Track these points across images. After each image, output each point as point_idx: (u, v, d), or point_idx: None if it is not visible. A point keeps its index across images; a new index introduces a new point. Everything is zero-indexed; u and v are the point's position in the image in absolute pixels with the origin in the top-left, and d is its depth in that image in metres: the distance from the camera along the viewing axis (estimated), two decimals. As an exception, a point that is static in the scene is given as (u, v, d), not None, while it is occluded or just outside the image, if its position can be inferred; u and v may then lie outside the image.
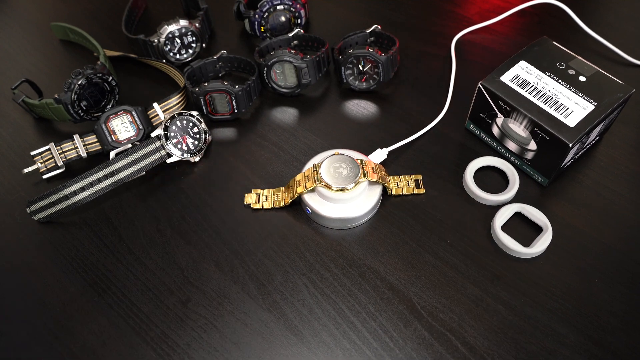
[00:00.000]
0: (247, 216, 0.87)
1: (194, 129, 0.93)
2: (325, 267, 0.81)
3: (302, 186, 0.84)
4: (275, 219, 0.87)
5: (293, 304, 0.78)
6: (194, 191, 0.90)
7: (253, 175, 0.92)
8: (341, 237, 0.85)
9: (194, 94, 0.95)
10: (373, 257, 0.82)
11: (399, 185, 0.89)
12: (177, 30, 1.05)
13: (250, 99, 0.98)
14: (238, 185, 0.91)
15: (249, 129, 0.98)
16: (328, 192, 0.83)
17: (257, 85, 0.99)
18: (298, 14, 1.10)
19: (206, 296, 0.79)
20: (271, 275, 0.81)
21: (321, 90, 1.04)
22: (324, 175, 0.83)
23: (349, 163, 0.84)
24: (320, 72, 1.01)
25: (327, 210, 0.83)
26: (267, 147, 0.96)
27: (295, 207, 0.88)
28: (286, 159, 0.94)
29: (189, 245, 0.84)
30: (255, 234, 0.85)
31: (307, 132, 0.97)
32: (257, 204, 0.88)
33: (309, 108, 1.01)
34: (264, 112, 1.01)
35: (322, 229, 0.86)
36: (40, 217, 0.86)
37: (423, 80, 1.03)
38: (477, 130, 0.94)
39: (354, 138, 0.96)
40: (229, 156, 0.95)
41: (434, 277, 0.80)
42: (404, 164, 0.92)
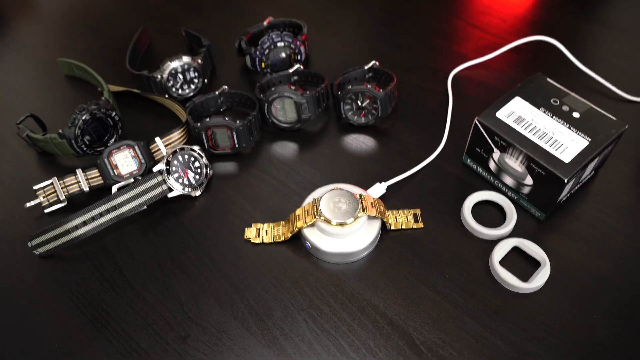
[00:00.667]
0: (247, 250, 0.84)
1: (195, 164, 0.91)
2: (324, 302, 0.78)
3: (302, 220, 0.82)
4: (275, 254, 0.84)
5: (292, 339, 0.75)
6: (194, 225, 0.88)
7: (253, 209, 0.90)
8: (341, 271, 0.82)
9: (196, 128, 0.93)
10: (372, 291, 0.79)
11: (397, 219, 0.87)
12: (179, 66, 1.03)
13: (251, 134, 0.97)
14: (238, 219, 0.88)
15: (250, 164, 0.96)
16: (327, 227, 0.80)
17: (257, 120, 0.97)
18: (298, 51, 1.08)
19: (205, 332, 0.76)
20: (271, 310, 0.78)
21: (321, 125, 1.02)
22: (324, 210, 0.81)
23: (348, 198, 0.82)
24: (319, 107, 0.99)
25: (327, 245, 0.81)
26: (268, 181, 0.93)
27: (295, 242, 0.85)
28: (286, 193, 0.92)
29: (189, 280, 0.81)
30: (255, 269, 0.82)
31: (306, 167, 0.95)
32: (257, 238, 0.85)
33: (308, 142, 0.99)
34: (264, 146, 0.99)
35: (321, 263, 0.83)
36: (41, 251, 0.83)
37: (421, 116, 1.02)
38: (474, 165, 0.91)
39: (353, 172, 0.94)
40: (230, 190, 0.92)
41: (434, 312, 0.77)
42: (403, 198, 0.90)
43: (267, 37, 1.06)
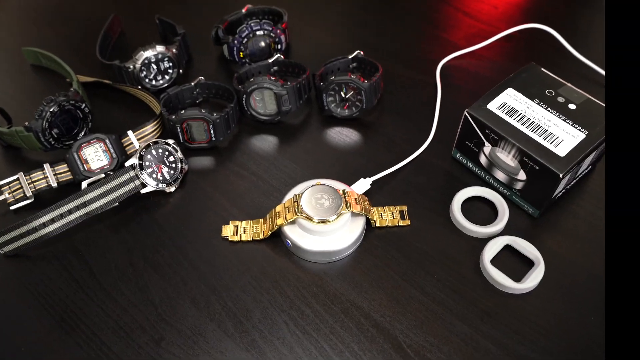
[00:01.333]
0: (225, 249, 0.85)
1: (170, 158, 0.91)
2: (306, 303, 0.79)
3: (282, 218, 0.82)
4: (254, 252, 0.84)
5: (272, 342, 0.75)
6: (169, 223, 0.88)
7: (231, 206, 0.90)
8: (323, 271, 0.82)
9: (170, 121, 0.93)
10: (356, 292, 0.80)
11: (383, 216, 0.87)
12: (153, 56, 1.03)
13: (229, 127, 0.97)
14: (215, 217, 0.88)
15: (227, 158, 0.96)
16: (309, 224, 0.81)
17: (235, 112, 0.97)
18: (278, 40, 1.09)
19: (181, 334, 0.76)
20: (249, 311, 0.78)
21: (302, 118, 1.02)
22: (305, 207, 0.81)
23: (330, 194, 0.83)
24: (301, 99, 1.00)
25: (308, 243, 0.81)
26: (246, 176, 0.94)
27: (275, 240, 0.86)
28: (266, 189, 0.92)
29: (163, 280, 0.81)
30: (233, 268, 0.82)
31: (287, 161, 0.95)
32: (235, 236, 0.85)
33: (289, 136, 0.99)
34: (242, 140, 0.99)
35: (303, 262, 0.83)
36: (7, 250, 0.83)
37: (407, 107, 1.02)
38: (464, 159, 0.92)
39: (336, 167, 0.94)
40: (206, 186, 0.92)
41: (421, 313, 0.77)
42: (388, 194, 0.91)
43: (245, 26, 1.06)
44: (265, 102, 0.97)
